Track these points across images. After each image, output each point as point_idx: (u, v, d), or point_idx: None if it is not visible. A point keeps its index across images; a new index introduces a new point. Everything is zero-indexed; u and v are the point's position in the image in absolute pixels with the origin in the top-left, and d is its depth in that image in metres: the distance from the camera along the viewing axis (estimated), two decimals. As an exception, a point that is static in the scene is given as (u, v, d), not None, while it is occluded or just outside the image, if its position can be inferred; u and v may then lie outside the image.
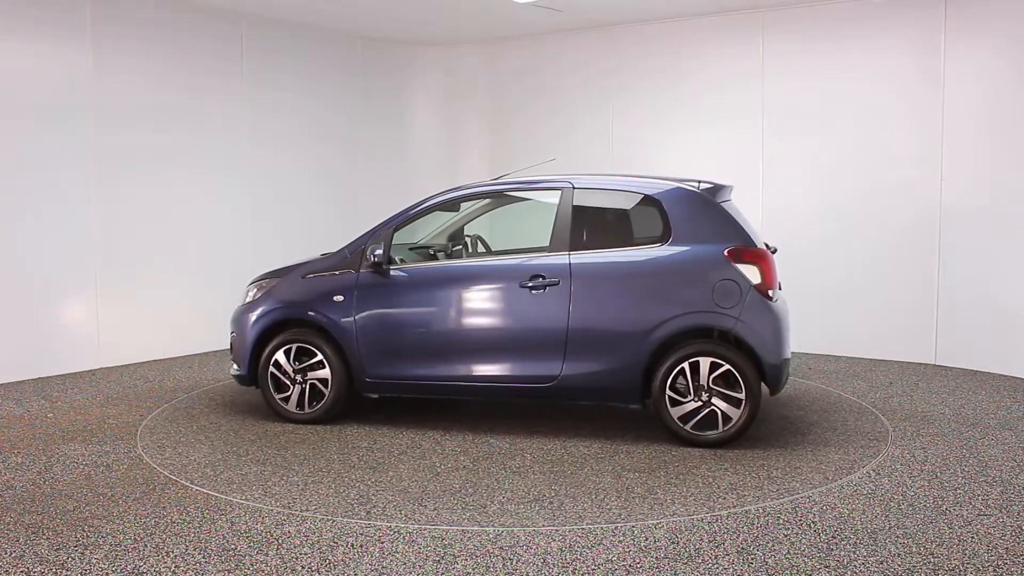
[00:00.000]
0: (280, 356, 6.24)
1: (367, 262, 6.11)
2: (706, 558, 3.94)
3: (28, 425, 6.25)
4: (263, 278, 6.56)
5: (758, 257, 5.62)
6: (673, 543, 4.11)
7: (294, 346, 6.23)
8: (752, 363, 5.55)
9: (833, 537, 4.17)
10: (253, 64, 9.36)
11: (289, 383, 6.25)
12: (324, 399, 6.20)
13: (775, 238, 8.00)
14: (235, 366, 6.44)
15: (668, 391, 5.60)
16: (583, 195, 5.96)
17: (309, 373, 6.21)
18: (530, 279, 5.81)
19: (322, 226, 9.83)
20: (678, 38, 9.49)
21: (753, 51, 9.04)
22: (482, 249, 7.16)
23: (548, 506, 4.61)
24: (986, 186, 7.86)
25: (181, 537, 4.19)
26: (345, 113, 10.37)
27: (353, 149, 10.49)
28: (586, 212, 5.92)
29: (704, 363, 5.55)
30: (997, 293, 7.78)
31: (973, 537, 4.17)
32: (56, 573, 3.81)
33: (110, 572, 3.81)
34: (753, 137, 9.06)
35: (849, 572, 3.79)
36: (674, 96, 9.56)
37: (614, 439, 5.85)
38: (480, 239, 7.23)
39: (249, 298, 6.50)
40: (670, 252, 5.68)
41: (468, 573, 3.80)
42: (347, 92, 10.38)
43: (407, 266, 6.17)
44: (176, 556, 3.97)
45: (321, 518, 4.44)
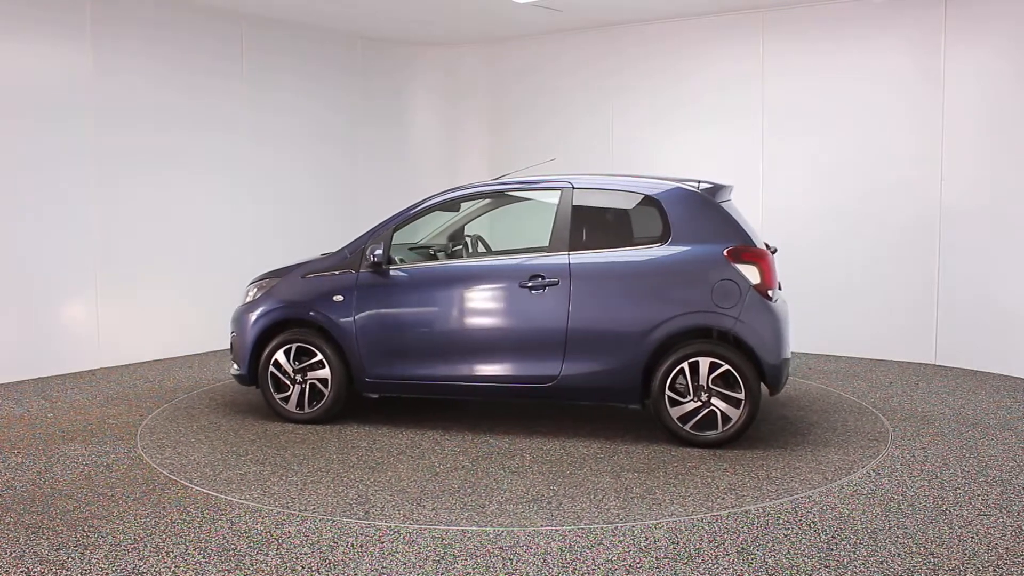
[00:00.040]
0: (280, 356, 6.25)
1: (367, 262, 6.11)
2: (706, 558, 3.94)
3: (28, 425, 6.25)
4: (263, 278, 6.56)
5: (757, 257, 5.62)
6: (673, 543, 4.12)
7: (294, 346, 6.23)
8: (751, 363, 5.55)
9: (833, 537, 4.17)
10: (253, 64, 9.36)
11: (289, 383, 6.26)
12: (324, 399, 6.20)
13: (775, 238, 8.00)
14: (235, 366, 6.45)
15: (667, 391, 5.60)
16: (583, 195, 5.95)
17: (309, 373, 6.22)
18: (529, 279, 5.81)
19: (322, 226, 9.83)
20: (678, 38, 9.49)
21: (753, 51, 9.04)
22: (482, 249, 7.16)
23: (546, 506, 4.61)
24: (986, 186, 7.86)
25: (181, 537, 4.20)
26: (345, 113, 10.37)
27: (353, 149, 10.49)
28: (586, 212, 5.91)
29: (703, 363, 5.55)
30: (997, 293, 7.78)
31: (973, 537, 4.17)
32: (56, 573, 3.81)
33: (110, 572, 3.82)
34: (753, 137, 9.06)
35: (849, 572, 3.79)
36: (674, 96, 9.56)
37: (613, 439, 5.85)
38: (480, 239, 7.22)
39: (249, 298, 6.50)
40: (670, 252, 5.68)
41: (468, 573, 3.81)
42: (347, 92, 10.38)
43: (407, 266, 6.17)
44: (176, 556, 3.97)
45: (321, 518, 4.45)
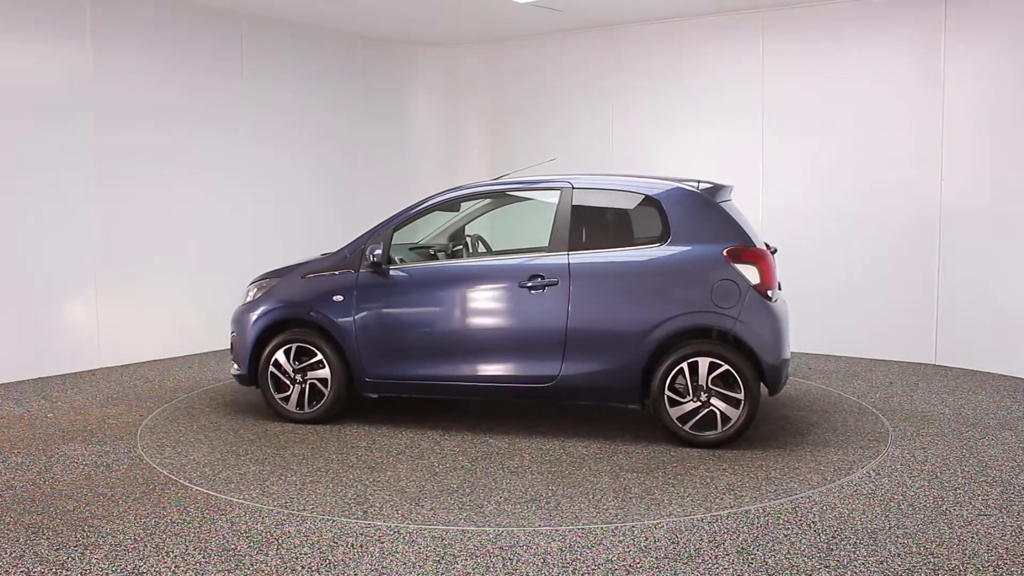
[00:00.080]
0: (280, 356, 6.25)
1: (366, 262, 6.11)
2: (706, 558, 3.94)
3: (28, 425, 6.26)
4: (263, 278, 6.56)
5: (757, 257, 5.61)
6: (673, 543, 4.11)
7: (294, 346, 6.23)
8: (751, 363, 5.55)
9: (833, 537, 4.17)
10: (253, 64, 9.36)
11: (289, 383, 6.26)
12: (324, 399, 6.20)
13: (775, 238, 8.00)
14: (235, 366, 6.45)
15: (667, 391, 5.60)
16: (582, 195, 5.95)
17: (309, 373, 6.22)
18: (529, 279, 5.81)
19: (322, 226, 9.83)
20: (678, 38, 9.49)
21: (753, 51, 9.04)
22: (483, 249, 7.16)
23: (544, 506, 4.61)
24: (986, 186, 7.86)
25: (181, 537, 4.20)
26: (345, 113, 10.37)
27: (353, 149, 10.49)
28: (585, 212, 5.91)
29: (703, 363, 5.54)
30: (997, 293, 7.78)
31: (973, 537, 4.17)
32: (56, 573, 3.81)
33: (110, 572, 3.82)
34: (753, 137, 9.06)
35: (849, 572, 3.79)
36: (674, 96, 9.56)
37: (613, 439, 5.85)
38: (481, 239, 7.23)
39: (249, 298, 6.50)
40: (669, 252, 5.68)
41: (468, 573, 3.81)
42: (347, 92, 10.38)
43: (406, 266, 6.17)
44: (176, 556, 3.97)
45: (320, 518, 4.45)
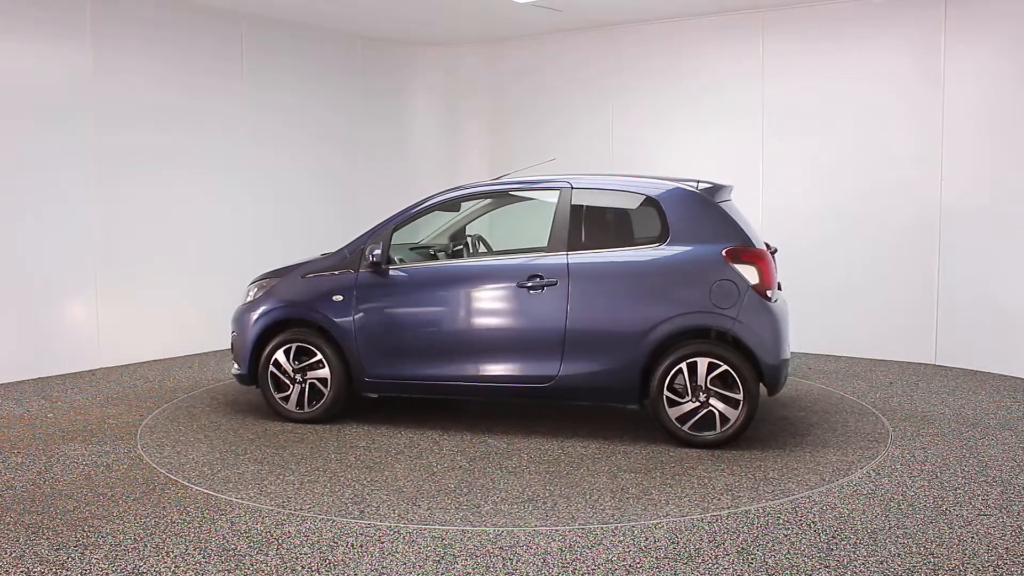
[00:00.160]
0: (280, 356, 6.25)
1: (366, 262, 6.11)
2: (706, 558, 3.94)
3: (28, 425, 6.26)
4: (263, 278, 6.57)
5: (756, 257, 5.61)
6: (673, 543, 4.12)
7: (294, 346, 6.23)
8: (750, 364, 5.55)
9: (833, 537, 4.17)
10: (253, 64, 9.36)
11: (289, 383, 6.26)
12: (323, 399, 6.20)
13: (775, 238, 7.99)
14: (235, 365, 6.45)
15: (666, 391, 5.60)
16: (581, 195, 5.95)
17: (309, 373, 6.22)
18: (528, 279, 5.81)
19: (322, 226, 9.84)
20: (678, 38, 9.49)
21: (753, 51, 9.04)
22: (483, 249, 7.16)
23: (542, 506, 4.61)
24: (986, 186, 7.86)
25: (181, 537, 4.20)
26: (345, 113, 10.37)
27: (353, 149, 10.49)
28: (584, 212, 5.90)
29: (702, 363, 5.54)
30: (997, 293, 7.78)
31: (973, 537, 4.17)
32: (56, 573, 3.81)
33: (110, 572, 3.82)
34: (753, 137, 9.06)
35: (849, 572, 3.79)
36: (674, 96, 9.56)
37: (612, 439, 5.85)
38: (481, 239, 7.23)
39: (249, 298, 6.51)
40: (668, 252, 5.68)
41: (468, 573, 3.81)
42: (347, 92, 10.38)
43: (406, 266, 6.17)
44: (176, 556, 3.97)
45: (320, 518, 4.45)
